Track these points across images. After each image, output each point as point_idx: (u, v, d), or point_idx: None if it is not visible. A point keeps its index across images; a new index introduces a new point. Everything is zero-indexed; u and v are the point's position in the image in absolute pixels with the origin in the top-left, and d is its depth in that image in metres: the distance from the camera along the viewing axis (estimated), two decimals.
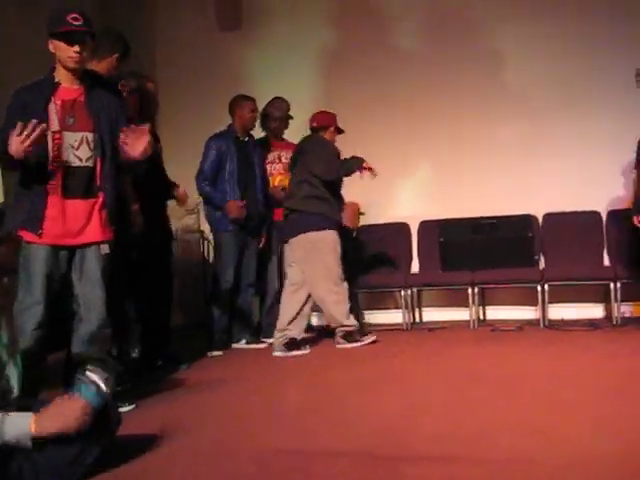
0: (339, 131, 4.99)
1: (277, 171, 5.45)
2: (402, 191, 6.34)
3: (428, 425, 2.60)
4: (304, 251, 4.66)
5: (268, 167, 5.39)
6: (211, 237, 5.53)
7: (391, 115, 6.24)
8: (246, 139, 5.15)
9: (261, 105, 5.29)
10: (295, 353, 4.57)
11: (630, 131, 4.99)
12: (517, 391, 3.16)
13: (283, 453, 2.33)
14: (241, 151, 5.05)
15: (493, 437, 2.40)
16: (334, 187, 4.80)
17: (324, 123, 4.92)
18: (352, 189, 5.10)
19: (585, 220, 5.76)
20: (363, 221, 6.08)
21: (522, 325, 5.32)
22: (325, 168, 4.67)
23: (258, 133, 5.41)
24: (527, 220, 5.72)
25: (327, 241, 4.66)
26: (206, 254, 6.39)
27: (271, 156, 5.45)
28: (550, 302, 5.44)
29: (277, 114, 5.36)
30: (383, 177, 6.04)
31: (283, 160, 5.45)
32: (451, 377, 3.58)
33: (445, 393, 3.19)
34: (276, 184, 5.37)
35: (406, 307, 5.75)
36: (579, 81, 5.90)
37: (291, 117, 5.40)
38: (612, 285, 5.26)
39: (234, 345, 5.04)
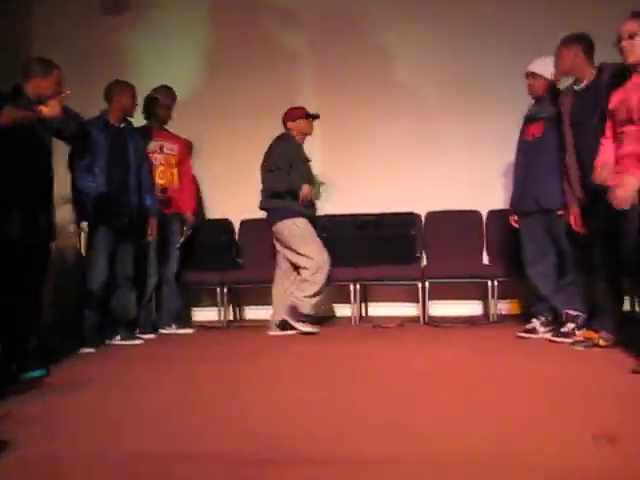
0: (312, 117, 5.04)
1: (158, 162, 5.24)
2: None
3: (299, 427, 2.50)
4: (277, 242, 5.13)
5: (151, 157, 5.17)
6: None
7: (276, 110, 6.12)
8: (122, 126, 4.89)
9: (140, 93, 5.07)
10: (288, 332, 4.92)
11: (512, 134, 5.07)
12: (394, 388, 3.12)
13: (144, 458, 2.16)
14: (113, 139, 4.79)
15: (364, 438, 2.32)
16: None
17: (288, 119, 5.05)
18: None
19: (466, 219, 5.86)
20: (248, 215, 5.99)
21: (403, 322, 5.36)
22: (271, 179, 4.98)
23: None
24: (410, 218, 5.78)
25: (282, 232, 5.01)
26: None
27: (153, 146, 5.25)
28: (431, 299, 5.50)
29: (165, 101, 5.19)
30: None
31: (165, 151, 5.27)
32: (327, 375, 3.50)
33: (320, 391, 3.10)
34: (156, 176, 5.16)
35: None
36: (465, 84, 6.02)
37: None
38: (490, 283, 5.37)
39: (108, 341, 4.81)
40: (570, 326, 4.25)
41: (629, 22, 3.45)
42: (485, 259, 5.80)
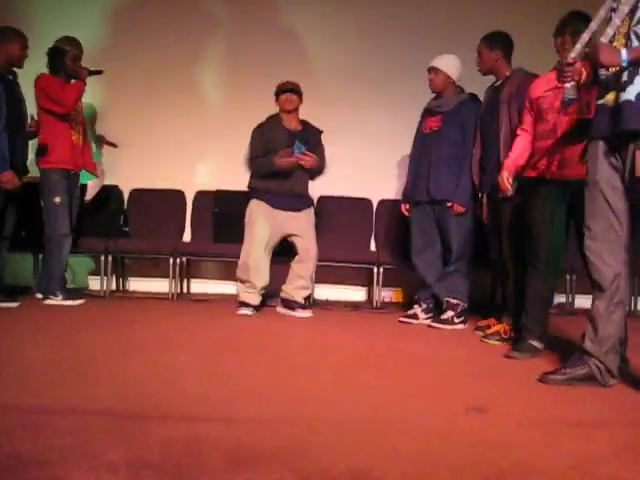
0: (283, 91, 4.84)
1: (71, 118, 4.94)
2: (181, 160, 6.15)
3: (180, 388, 2.50)
4: None
5: None
6: None
7: (172, 77, 6.06)
8: (9, 76, 4.66)
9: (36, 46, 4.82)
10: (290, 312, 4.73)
11: (406, 126, 5.20)
12: (276, 359, 3.17)
13: (15, 409, 2.09)
14: (8, 91, 4.55)
15: (245, 400, 2.36)
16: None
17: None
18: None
19: (357, 206, 5.96)
20: (139, 184, 5.88)
21: None
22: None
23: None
24: None
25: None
26: None
27: None
28: (317, 282, 5.55)
29: (74, 53, 4.84)
30: (165, 145, 5.93)
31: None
32: (211, 345, 3.50)
33: (203, 358, 3.11)
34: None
35: (173, 276, 5.58)
36: (363, 72, 6.07)
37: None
38: (375, 269, 5.48)
39: None
40: (450, 314, 4.43)
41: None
42: (373, 246, 5.92)
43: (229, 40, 6.19)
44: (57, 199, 4.76)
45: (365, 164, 5.99)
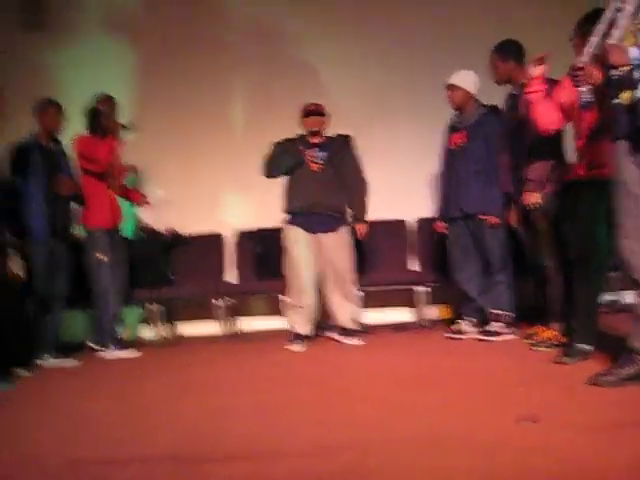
0: (307, 114, 4.90)
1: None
2: (220, 202, 6.31)
3: (240, 427, 2.57)
4: None
5: None
6: None
7: (205, 122, 6.22)
8: (52, 147, 4.86)
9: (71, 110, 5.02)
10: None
11: (433, 144, 5.26)
12: (328, 389, 3.23)
13: (90, 462, 2.19)
14: (47, 161, 4.76)
15: (303, 432, 2.42)
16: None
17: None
18: None
19: (392, 229, 6.01)
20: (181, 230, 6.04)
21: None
22: None
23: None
24: None
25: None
26: None
27: None
28: (365, 307, 5.61)
29: (108, 110, 4.95)
30: (202, 189, 6.08)
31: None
32: (265, 381, 3.57)
33: (259, 395, 3.18)
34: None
35: (222, 317, 5.69)
36: (389, 93, 6.18)
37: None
38: (419, 289, 5.52)
39: (40, 363, 4.69)
40: (496, 325, 4.44)
41: None
42: (415, 266, 5.95)
43: (255, 78, 6.34)
44: (99, 255, 4.92)
45: (394, 185, 6.04)
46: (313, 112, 4.87)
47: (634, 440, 2.04)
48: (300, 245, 4.72)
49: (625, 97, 2.67)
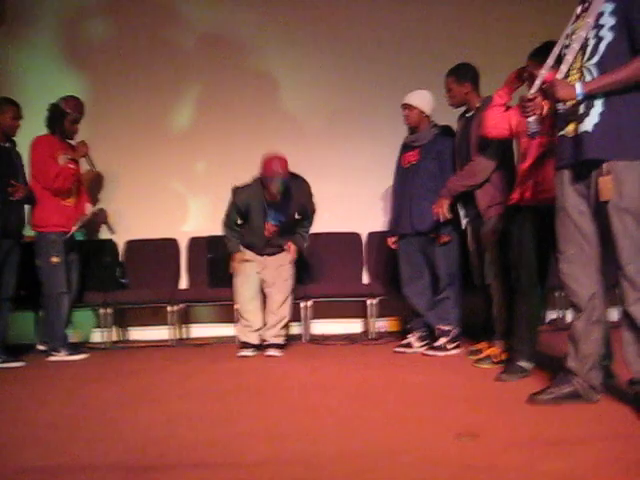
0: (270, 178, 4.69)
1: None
2: (173, 209, 6.34)
3: (185, 436, 2.61)
4: None
5: None
6: None
7: (157, 128, 6.25)
8: (7, 145, 4.83)
9: (28, 109, 4.99)
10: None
11: (387, 161, 5.39)
12: (276, 399, 3.28)
13: (32, 469, 2.20)
14: (1, 158, 4.73)
15: (249, 442, 2.47)
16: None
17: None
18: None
19: (346, 241, 6.11)
20: (133, 236, 6.03)
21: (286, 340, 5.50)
22: None
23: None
24: None
25: None
26: None
27: (61, 160, 4.99)
28: (313, 318, 5.70)
29: (75, 115, 5.01)
30: (155, 194, 6.09)
31: (72, 166, 5.10)
32: (214, 389, 3.61)
33: (205, 404, 3.22)
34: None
35: (173, 323, 5.71)
36: (347, 111, 6.31)
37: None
38: (369, 301, 5.62)
39: None
40: (442, 340, 4.56)
41: None
42: (365, 279, 6.06)
43: (213, 90, 6.37)
44: (54, 259, 4.90)
45: (351, 199, 6.19)
46: (275, 182, 4.68)
47: (558, 457, 2.15)
48: (247, 263, 4.91)
49: (570, 130, 2.80)
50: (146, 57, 6.33)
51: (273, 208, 4.81)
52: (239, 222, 4.91)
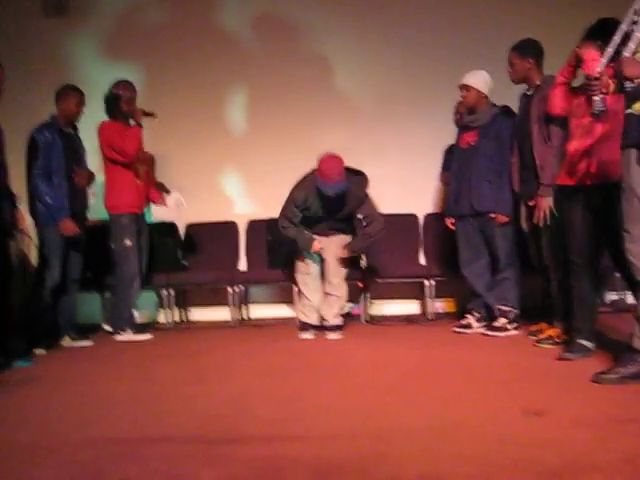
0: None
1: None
2: (232, 192, 6.45)
3: (258, 410, 2.70)
4: None
5: None
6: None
7: (216, 113, 6.34)
8: (71, 131, 4.98)
9: (90, 96, 5.12)
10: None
11: (444, 141, 5.40)
12: (340, 378, 3.36)
13: (114, 440, 2.32)
14: (67, 144, 4.87)
15: (319, 418, 2.55)
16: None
17: None
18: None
19: (403, 222, 6.12)
20: (193, 219, 6.16)
21: (345, 320, 5.57)
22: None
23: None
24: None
25: None
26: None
27: None
28: (372, 299, 5.75)
29: (128, 96, 5.08)
30: (214, 178, 6.19)
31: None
32: (278, 368, 3.70)
33: (273, 381, 3.31)
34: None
35: (234, 304, 5.83)
36: (399, 93, 6.28)
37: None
38: (427, 282, 5.65)
39: (62, 343, 4.87)
40: (502, 321, 4.56)
41: None
42: (422, 260, 6.08)
43: (268, 74, 6.38)
44: (127, 242, 5.04)
45: (408, 180, 6.18)
46: (331, 183, 4.63)
47: (628, 435, 2.17)
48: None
49: (637, 107, 2.78)
50: (200, 43, 6.38)
51: (331, 204, 4.75)
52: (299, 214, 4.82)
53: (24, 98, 5.91)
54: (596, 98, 2.96)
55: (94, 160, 5.22)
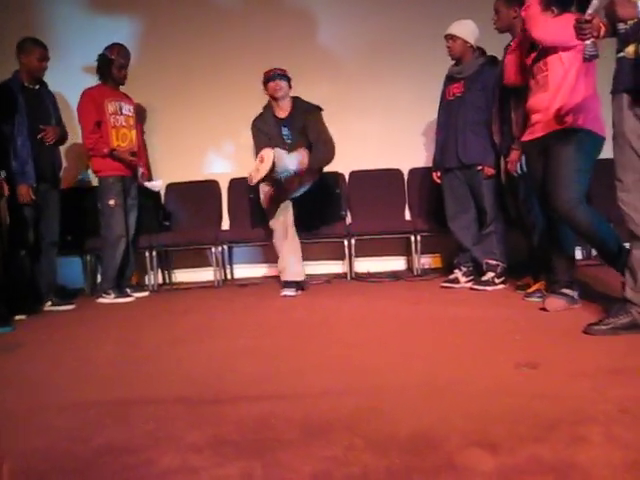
0: (268, 79, 4.98)
1: (120, 123, 5.12)
2: (212, 150, 6.31)
3: (244, 370, 2.64)
4: None
5: (111, 119, 5.06)
6: None
7: (197, 72, 6.18)
8: (36, 87, 4.80)
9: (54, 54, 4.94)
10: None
11: (428, 96, 5.27)
12: (327, 335, 3.30)
13: (97, 403, 2.25)
14: (31, 101, 4.70)
15: (306, 375, 2.49)
16: None
17: None
18: None
19: (388, 177, 6.04)
20: (174, 179, 6.04)
21: (330, 278, 5.53)
22: None
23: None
24: (334, 178, 5.89)
25: None
26: None
27: (111, 107, 5.07)
28: (356, 256, 5.69)
29: (120, 61, 5.05)
30: (195, 136, 6.05)
31: (124, 112, 5.16)
32: (264, 326, 3.65)
33: (259, 340, 3.25)
34: (118, 138, 5.09)
35: (217, 264, 5.75)
36: (385, 45, 6.15)
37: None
38: (412, 238, 5.59)
39: (44, 307, 4.78)
40: (490, 275, 4.52)
41: None
42: (407, 215, 6.02)
43: (250, 28, 6.22)
44: (111, 202, 4.96)
45: (392, 135, 6.10)
46: (276, 77, 4.90)
47: (622, 385, 2.13)
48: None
49: (630, 51, 2.70)
50: (179, 1, 6.23)
51: (286, 126, 4.87)
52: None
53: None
54: (587, 42, 2.86)
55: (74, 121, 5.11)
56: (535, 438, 1.69)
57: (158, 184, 5.50)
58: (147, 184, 5.33)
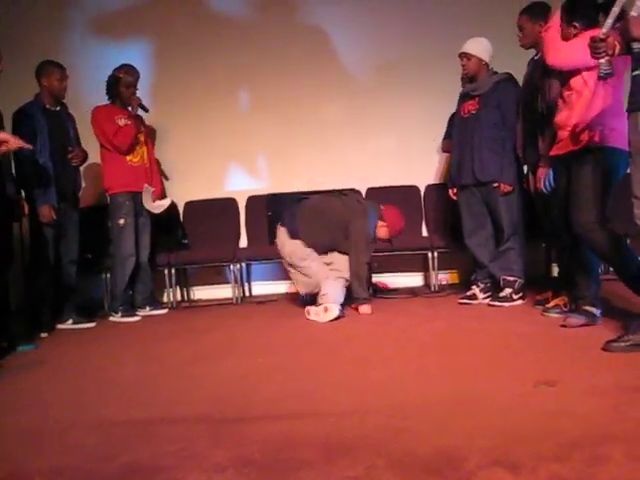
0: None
1: None
2: (230, 168, 6.37)
3: (266, 388, 2.67)
4: None
5: None
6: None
7: (213, 90, 6.24)
8: (57, 109, 4.88)
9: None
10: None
11: (444, 112, 5.32)
12: (347, 352, 3.32)
13: (121, 423, 2.29)
14: (53, 122, 4.77)
15: (328, 394, 2.51)
16: None
17: None
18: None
19: (405, 194, 6.06)
20: (192, 197, 6.10)
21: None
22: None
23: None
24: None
25: None
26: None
27: (121, 123, 5.10)
28: (375, 272, 5.71)
29: (128, 80, 5.10)
30: (212, 154, 6.11)
31: None
32: (284, 344, 3.68)
33: (280, 358, 3.28)
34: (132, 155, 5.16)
35: (235, 281, 5.79)
36: (399, 63, 6.20)
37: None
38: (430, 254, 5.60)
39: (60, 326, 4.82)
40: (508, 291, 4.52)
41: None
42: (424, 232, 6.04)
43: (267, 45, 6.27)
44: (121, 221, 5.02)
45: (408, 152, 6.13)
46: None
47: None
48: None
49: None
50: (194, 20, 6.30)
51: None
52: None
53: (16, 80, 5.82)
54: (602, 60, 2.88)
55: (89, 142, 5.17)
56: (556, 457, 1.70)
57: (164, 203, 5.43)
58: (152, 205, 5.28)
